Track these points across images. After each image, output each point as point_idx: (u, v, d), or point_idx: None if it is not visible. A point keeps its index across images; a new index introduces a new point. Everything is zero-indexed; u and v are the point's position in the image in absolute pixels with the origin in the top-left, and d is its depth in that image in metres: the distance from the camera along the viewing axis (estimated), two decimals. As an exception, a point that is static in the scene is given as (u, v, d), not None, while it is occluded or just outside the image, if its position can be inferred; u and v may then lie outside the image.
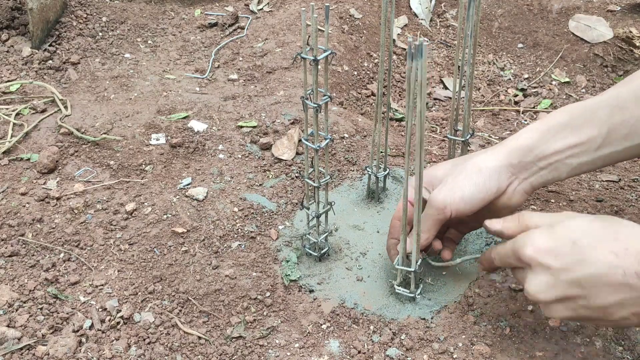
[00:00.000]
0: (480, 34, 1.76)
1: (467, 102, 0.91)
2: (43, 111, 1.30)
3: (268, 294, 0.92)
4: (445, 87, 1.61)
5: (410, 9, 1.85)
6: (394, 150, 1.21)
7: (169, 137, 1.23)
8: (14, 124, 1.25)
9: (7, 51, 1.49)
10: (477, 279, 0.93)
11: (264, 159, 1.19)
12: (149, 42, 1.63)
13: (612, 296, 0.66)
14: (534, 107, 1.51)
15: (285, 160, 1.18)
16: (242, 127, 1.26)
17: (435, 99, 1.57)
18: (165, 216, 1.05)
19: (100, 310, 0.89)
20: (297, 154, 1.20)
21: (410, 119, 0.73)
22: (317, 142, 0.87)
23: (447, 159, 0.99)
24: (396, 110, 1.47)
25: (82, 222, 1.04)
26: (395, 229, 0.90)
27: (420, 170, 0.76)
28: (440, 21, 1.86)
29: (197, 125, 1.26)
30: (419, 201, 0.80)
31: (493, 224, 0.79)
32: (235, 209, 1.07)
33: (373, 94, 1.52)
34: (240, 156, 1.19)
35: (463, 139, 0.94)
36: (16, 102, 1.34)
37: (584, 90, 1.57)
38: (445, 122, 1.44)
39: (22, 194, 1.09)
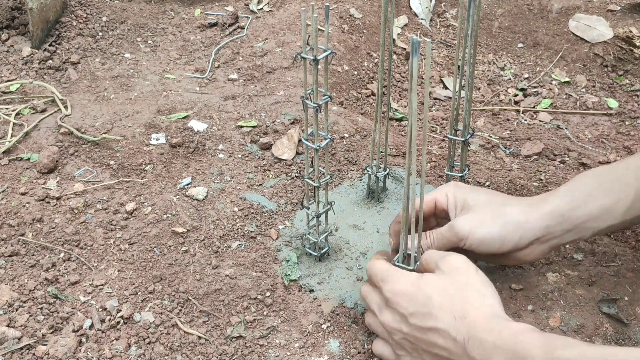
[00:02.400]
0: (480, 34, 1.76)
1: (467, 101, 0.91)
2: (43, 111, 1.30)
3: (268, 293, 0.92)
4: (445, 87, 1.61)
5: (410, 8, 1.85)
6: (394, 150, 1.21)
7: (169, 137, 1.23)
8: (14, 123, 1.25)
9: (7, 51, 1.49)
10: (477, 278, 0.93)
11: (264, 159, 1.19)
12: (149, 41, 1.63)
13: (445, 352, 0.72)
14: (534, 107, 1.51)
15: (285, 160, 1.18)
16: (242, 126, 1.26)
17: (435, 98, 1.57)
18: (165, 216, 1.05)
19: (100, 310, 0.89)
20: (297, 153, 1.20)
21: (413, 116, 0.73)
22: (317, 142, 0.87)
23: (447, 158, 0.99)
24: (396, 110, 1.47)
25: (82, 222, 1.04)
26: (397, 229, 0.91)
27: (423, 170, 0.76)
28: (440, 21, 1.86)
29: (197, 125, 1.26)
30: (421, 200, 0.80)
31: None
32: (235, 209, 1.07)
33: (373, 94, 1.52)
34: (240, 156, 1.19)
35: (463, 139, 0.94)
36: (16, 102, 1.34)
37: (584, 90, 1.57)
38: (445, 121, 1.44)
39: (22, 194, 1.09)
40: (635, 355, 0.60)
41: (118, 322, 0.87)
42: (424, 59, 1.67)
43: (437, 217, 0.91)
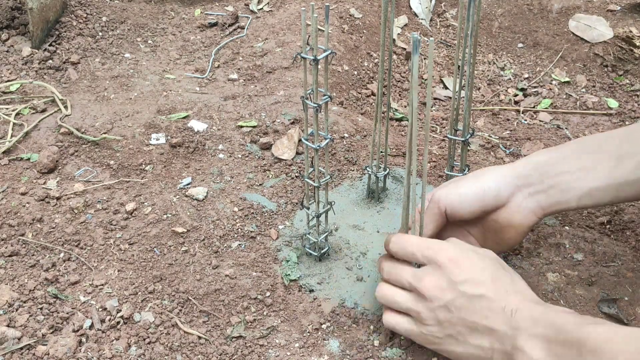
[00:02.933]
0: (480, 34, 1.76)
1: (467, 101, 0.91)
2: (43, 111, 1.30)
3: (268, 293, 0.92)
4: (445, 87, 1.61)
5: (410, 8, 1.85)
6: (394, 150, 1.21)
7: (169, 137, 1.23)
8: (14, 123, 1.25)
9: (7, 51, 1.49)
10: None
11: (264, 159, 1.19)
12: (149, 41, 1.63)
13: (486, 320, 0.73)
14: (534, 107, 1.51)
15: (285, 160, 1.18)
16: (242, 126, 1.26)
17: (435, 98, 1.56)
18: (165, 216, 1.05)
19: (100, 310, 0.89)
20: (297, 153, 1.20)
21: (413, 115, 0.73)
22: (317, 142, 0.87)
23: (447, 158, 0.99)
24: (396, 110, 1.47)
25: (82, 222, 1.04)
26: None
27: (424, 170, 0.76)
28: (440, 21, 1.86)
29: (197, 125, 1.26)
30: (422, 200, 0.80)
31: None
32: (235, 209, 1.07)
33: (373, 94, 1.52)
34: (240, 156, 1.19)
35: (463, 139, 0.94)
36: (16, 102, 1.34)
37: (584, 90, 1.57)
38: (445, 121, 1.44)
39: (22, 194, 1.09)
40: None
41: (118, 322, 0.87)
42: (424, 58, 1.67)
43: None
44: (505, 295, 0.73)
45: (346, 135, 1.24)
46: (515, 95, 1.57)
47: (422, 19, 1.84)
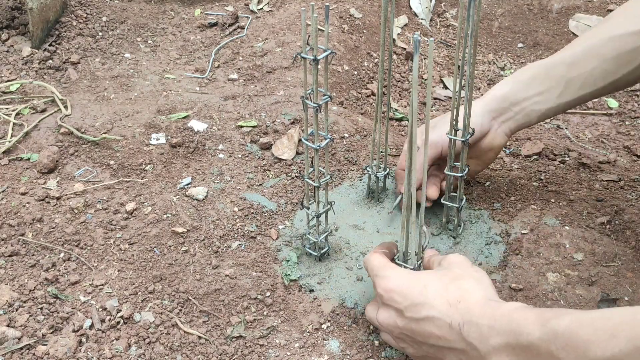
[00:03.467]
0: (480, 34, 1.76)
1: (467, 101, 0.91)
2: (43, 111, 1.30)
3: (268, 293, 0.92)
4: (446, 87, 1.61)
5: (410, 8, 1.85)
6: (394, 150, 1.21)
7: (169, 137, 1.23)
8: (14, 123, 1.25)
9: (7, 51, 1.49)
10: (477, 278, 0.93)
11: (264, 159, 1.19)
12: (149, 41, 1.63)
13: (441, 341, 0.73)
14: (534, 107, 1.51)
15: (285, 160, 1.18)
16: (242, 126, 1.26)
17: (435, 98, 1.56)
18: (165, 216, 1.05)
19: (100, 310, 0.89)
20: (297, 153, 1.20)
21: (413, 114, 0.73)
22: (317, 142, 0.87)
23: (447, 158, 0.99)
24: (396, 110, 1.47)
25: (82, 222, 1.04)
26: (400, 176, 1.04)
27: (424, 170, 0.76)
28: (440, 21, 1.86)
29: (197, 125, 1.26)
30: (423, 201, 0.80)
31: None
32: (235, 209, 1.07)
33: (373, 94, 1.52)
34: (240, 156, 1.19)
35: (463, 139, 0.94)
36: (16, 101, 1.34)
37: (584, 89, 1.56)
38: (445, 121, 1.44)
39: (22, 194, 1.09)
40: (631, 313, 0.61)
41: (118, 322, 0.87)
42: (424, 59, 1.67)
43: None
44: (448, 309, 0.72)
45: (346, 135, 1.24)
46: (515, 95, 1.57)
47: (422, 19, 1.84)
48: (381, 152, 1.07)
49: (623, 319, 0.60)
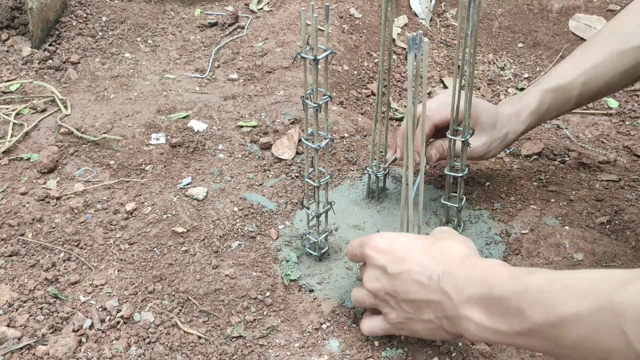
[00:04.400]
0: (480, 34, 1.76)
1: (467, 101, 0.91)
2: (43, 111, 1.30)
3: (268, 293, 0.92)
4: (445, 87, 1.61)
5: (410, 8, 1.85)
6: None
7: (169, 137, 1.23)
8: (14, 123, 1.25)
9: (7, 51, 1.49)
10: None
11: (264, 159, 1.19)
12: (149, 41, 1.63)
13: (420, 294, 0.74)
14: (534, 107, 1.51)
15: (285, 159, 1.18)
16: (242, 126, 1.26)
17: (435, 98, 1.56)
18: (165, 216, 1.05)
19: (100, 309, 0.89)
20: (297, 153, 1.20)
21: (410, 114, 0.73)
22: (317, 142, 0.87)
23: (447, 158, 0.99)
24: (396, 109, 1.47)
25: (82, 222, 1.04)
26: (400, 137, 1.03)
27: (421, 170, 0.76)
28: (440, 21, 1.86)
29: (197, 125, 1.26)
30: (421, 200, 0.81)
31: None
32: (235, 209, 1.07)
33: (373, 94, 1.52)
34: (240, 156, 1.19)
35: (463, 139, 0.94)
36: (16, 101, 1.34)
37: (584, 89, 1.56)
38: (445, 121, 1.44)
39: (22, 194, 1.09)
40: (601, 274, 0.62)
41: (118, 322, 0.87)
42: (423, 57, 1.67)
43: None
44: (430, 262, 0.74)
45: (346, 135, 1.24)
46: (515, 95, 1.57)
47: (422, 19, 1.84)
48: (381, 152, 1.07)
49: (592, 278, 0.61)
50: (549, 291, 0.62)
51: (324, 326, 0.88)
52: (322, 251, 0.97)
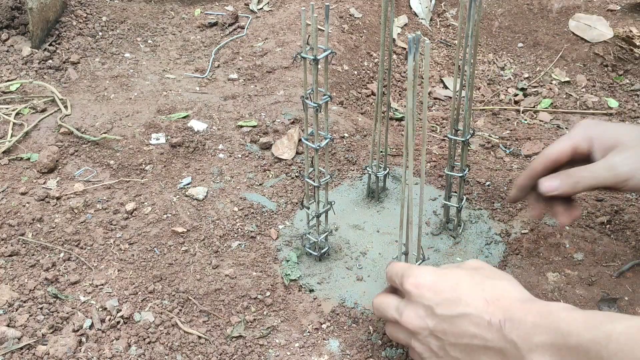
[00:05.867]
0: (480, 34, 1.76)
1: (467, 101, 0.91)
2: (43, 111, 1.30)
3: (268, 293, 0.92)
4: (446, 87, 1.61)
5: (410, 8, 1.85)
6: (394, 150, 1.21)
7: (169, 137, 1.23)
8: (14, 123, 1.25)
9: (7, 51, 1.49)
10: (477, 278, 0.93)
11: (264, 159, 1.19)
12: (149, 41, 1.63)
13: (477, 340, 0.68)
14: (534, 107, 1.51)
15: (285, 159, 1.18)
16: (242, 126, 1.26)
17: (435, 98, 1.56)
18: (165, 216, 1.05)
19: (100, 309, 0.89)
20: (297, 153, 1.20)
21: (411, 114, 0.73)
22: (317, 142, 0.87)
23: (447, 158, 0.98)
24: (396, 109, 1.47)
25: (82, 222, 1.04)
26: (536, 172, 0.87)
27: (422, 169, 0.76)
28: (440, 20, 1.86)
29: (197, 124, 1.26)
30: (421, 201, 0.80)
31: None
32: (235, 209, 1.07)
33: (373, 94, 1.52)
34: (240, 156, 1.19)
35: (463, 139, 0.94)
36: (16, 101, 1.34)
37: (584, 89, 1.56)
38: (445, 121, 1.44)
39: (22, 194, 1.09)
40: None
41: (118, 322, 0.87)
42: (423, 57, 1.67)
43: (572, 164, 0.85)
44: (485, 306, 0.68)
45: (346, 135, 1.24)
46: (515, 95, 1.57)
47: (422, 19, 1.84)
48: (381, 152, 1.07)
49: None
50: (637, 340, 0.57)
51: (324, 326, 0.88)
52: (322, 251, 0.97)
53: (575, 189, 0.82)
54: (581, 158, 0.85)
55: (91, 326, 0.87)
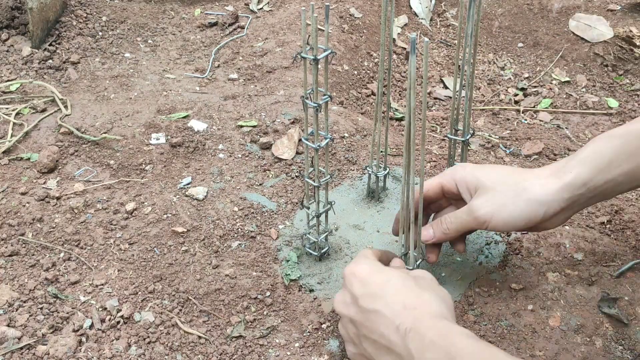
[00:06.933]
0: (480, 33, 1.76)
1: (467, 101, 0.91)
2: (43, 111, 1.30)
3: (268, 293, 0.92)
4: (446, 87, 1.61)
5: (411, 8, 1.85)
6: (394, 150, 1.21)
7: (169, 137, 1.23)
8: (14, 123, 1.25)
9: (7, 51, 1.49)
10: (477, 278, 0.93)
11: (264, 159, 1.19)
12: (149, 41, 1.63)
13: (384, 340, 0.71)
14: (534, 107, 1.51)
15: (286, 159, 1.18)
16: (242, 126, 1.26)
17: (435, 98, 1.57)
18: (165, 216, 1.05)
19: (100, 309, 0.89)
20: (297, 153, 1.20)
21: (411, 115, 0.73)
22: (317, 142, 0.87)
23: (447, 158, 0.98)
24: (396, 109, 1.47)
25: (82, 222, 1.04)
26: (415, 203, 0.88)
27: (421, 170, 0.76)
28: (440, 20, 1.86)
29: (197, 124, 1.26)
30: (421, 200, 0.80)
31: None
32: (235, 209, 1.07)
33: (373, 94, 1.52)
34: (240, 156, 1.19)
35: (463, 139, 0.94)
36: (16, 101, 1.34)
37: (584, 89, 1.57)
38: (445, 121, 1.44)
39: (22, 194, 1.09)
40: None
41: (118, 322, 0.87)
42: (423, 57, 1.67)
43: (448, 199, 0.90)
44: (401, 311, 0.70)
45: (346, 135, 1.24)
46: (516, 94, 1.57)
47: (422, 19, 1.84)
48: (381, 151, 1.07)
49: None
50: None
51: (324, 326, 0.88)
52: (322, 251, 0.97)
53: (448, 235, 0.85)
54: (456, 197, 0.87)
55: (91, 326, 0.87)
